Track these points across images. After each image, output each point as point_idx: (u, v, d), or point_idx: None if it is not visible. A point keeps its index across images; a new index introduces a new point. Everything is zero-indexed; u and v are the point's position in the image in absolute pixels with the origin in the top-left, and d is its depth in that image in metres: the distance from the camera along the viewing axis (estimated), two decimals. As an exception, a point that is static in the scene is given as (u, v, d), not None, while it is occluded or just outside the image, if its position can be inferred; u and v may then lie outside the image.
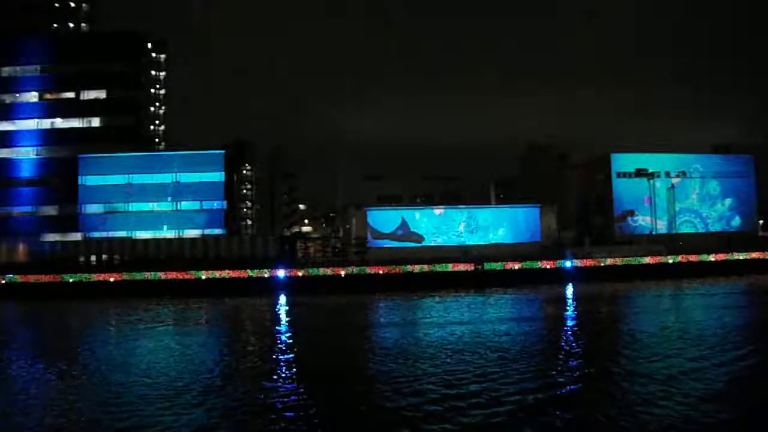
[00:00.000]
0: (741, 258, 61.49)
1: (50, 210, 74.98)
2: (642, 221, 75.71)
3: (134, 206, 72.61)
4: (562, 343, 26.43)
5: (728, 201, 78.42)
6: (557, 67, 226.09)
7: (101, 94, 77.47)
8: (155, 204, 72.78)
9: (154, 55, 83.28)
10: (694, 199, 77.45)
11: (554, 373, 20.66)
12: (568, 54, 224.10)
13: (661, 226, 75.48)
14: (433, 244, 69.52)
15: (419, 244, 69.61)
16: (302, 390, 19.51)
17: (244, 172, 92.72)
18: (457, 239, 70.16)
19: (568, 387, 18.96)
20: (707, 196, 77.99)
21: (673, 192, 75.79)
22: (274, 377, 21.62)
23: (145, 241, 68.32)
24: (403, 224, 70.41)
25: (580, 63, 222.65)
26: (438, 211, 71.49)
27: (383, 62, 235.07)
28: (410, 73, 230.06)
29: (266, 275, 56.46)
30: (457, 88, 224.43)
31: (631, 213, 75.10)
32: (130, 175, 72.60)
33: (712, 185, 78.09)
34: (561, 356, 23.46)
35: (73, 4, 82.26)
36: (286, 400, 18.43)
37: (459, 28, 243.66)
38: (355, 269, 57.89)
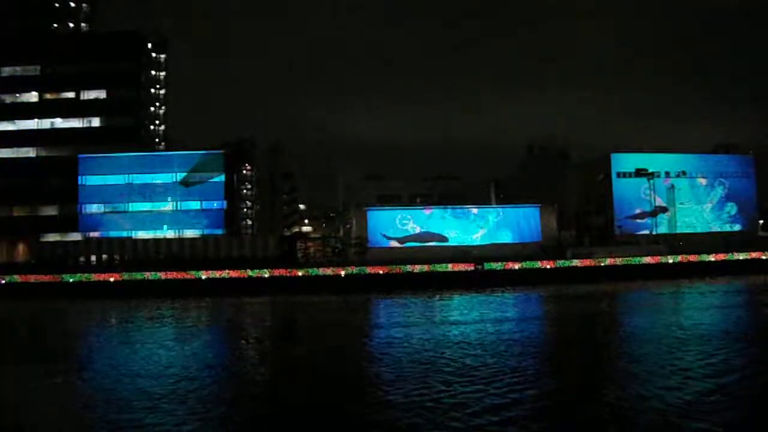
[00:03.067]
0: (741, 258, 61.50)
1: (50, 210, 74.96)
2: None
3: (134, 206, 72.59)
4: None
5: (731, 203, 78.30)
6: (558, 67, 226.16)
7: (101, 94, 77.50)
8: (155, 204, 72.74)
9: (154, 55, 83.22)
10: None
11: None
12: (569, 54, 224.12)
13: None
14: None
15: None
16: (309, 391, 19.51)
17: (244, 172, 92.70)
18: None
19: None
20: (718, 205, 77.80)
21: (673, 192, 75.76)
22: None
23: (145, 241, 68.32)
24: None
25: (581, 63, 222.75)
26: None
27: (384, 62, 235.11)
28: (410, 73, 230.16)
29: (266, 275, 56.45)
30: (457, 88, 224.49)
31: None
32: (130, 175, 72.57)
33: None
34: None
35: (73, 4, 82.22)
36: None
37: (460, 28, 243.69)
38: (355, 269, 57.87)
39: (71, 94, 77.50)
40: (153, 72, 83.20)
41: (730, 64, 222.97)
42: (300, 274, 57.34)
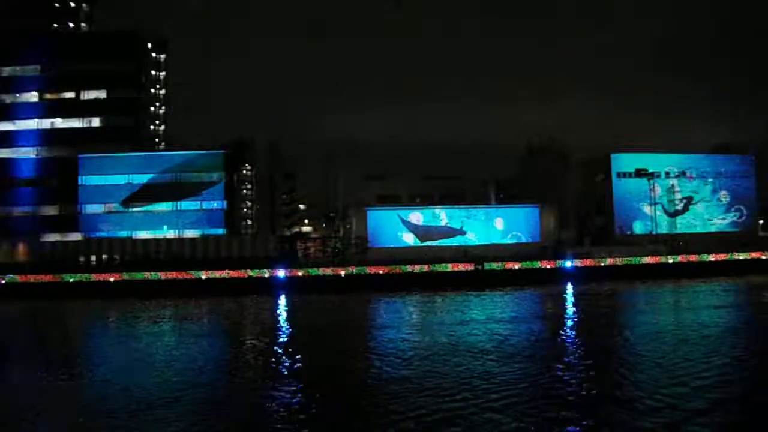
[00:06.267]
0: (741, 258, 61.50)
1: (50, 210, 74.88)
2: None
3: (134, 206, 72.50)
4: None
5: (731, 203, 78.32)
6: (558, 67, 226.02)
7: (101, 94, 77.40)
8: (155, 204, 72.63)
9: (154, 55, 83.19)
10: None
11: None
12: (569, 54, 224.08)
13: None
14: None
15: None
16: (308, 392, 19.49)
17: (244, 172, 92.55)
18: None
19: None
20: (718, 205, 77.90)
21: (673, 191, 75.81)
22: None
23: (145, 241, 68.25)
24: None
25: (581, 63, 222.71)
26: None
27: (384, 62, 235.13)
28: (410, 73, 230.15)
29: (266, 275, 56.43)
30: (457, 88, 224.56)
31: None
32: (130, 175, 72.51)
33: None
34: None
35: (73, 4, 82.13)
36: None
37: (459, 28, 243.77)
38: (355, 269, 57.86)
39: (71, 94, 77.40)
40: (153, 72, 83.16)
41: (730, 64, 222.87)
42: (300, 274, 57.34)
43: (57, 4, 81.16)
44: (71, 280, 56.02)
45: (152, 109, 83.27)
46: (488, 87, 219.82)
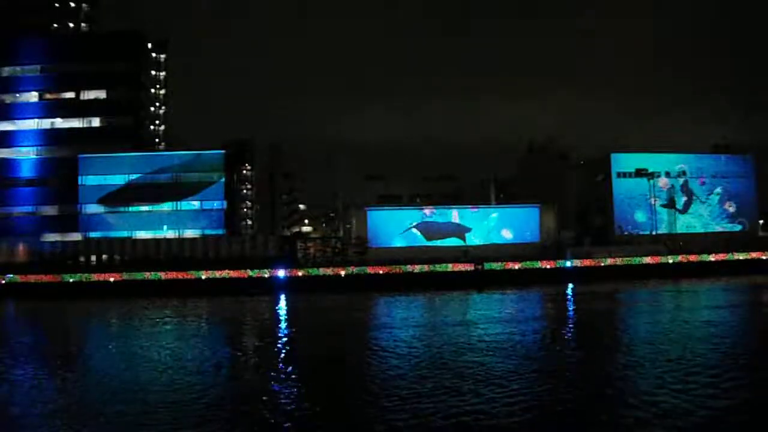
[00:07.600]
0: (741, 258, 61.52)
1: (50, 210, 74.85)
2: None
3: (134, 206, 72.56)
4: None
5: (731, 204, 78.32)
6: (558, 67, 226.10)
7: (101, 94, 77.32)
8: (155, 204, 72.62)
9: (154, 55, 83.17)
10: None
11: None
12: (569, 54, 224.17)
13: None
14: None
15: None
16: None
17: (244, 172, 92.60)
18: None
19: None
20: (718, 206, 77.86)
21: (673, 191, 75.84)
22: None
23: (145, 241, 68.27)
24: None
25: (580, 63, 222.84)
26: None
27: (384, 62, 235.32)
28: (411, 73, 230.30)
29: (266, 275, 56.45)
30: (457, 88, 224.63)
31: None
32: (130, 175, 72.52)
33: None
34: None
35: (73, 4, 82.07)
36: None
37: (459, 28, 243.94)
38: (355, 269, 57.88)
39: (71, 94, 77.35)
40: (153, 72, 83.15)
41: (729, 64, 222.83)
42: (300, 274, 57.38)
43: (57, 4, 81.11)
44: (71, 280, 56.03)
45: (152, 109, 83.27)
46: (488, 87, 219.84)
